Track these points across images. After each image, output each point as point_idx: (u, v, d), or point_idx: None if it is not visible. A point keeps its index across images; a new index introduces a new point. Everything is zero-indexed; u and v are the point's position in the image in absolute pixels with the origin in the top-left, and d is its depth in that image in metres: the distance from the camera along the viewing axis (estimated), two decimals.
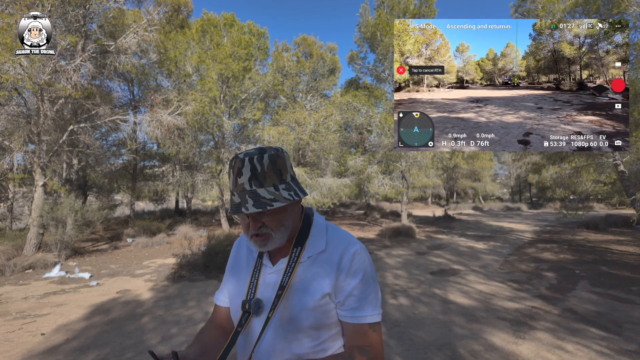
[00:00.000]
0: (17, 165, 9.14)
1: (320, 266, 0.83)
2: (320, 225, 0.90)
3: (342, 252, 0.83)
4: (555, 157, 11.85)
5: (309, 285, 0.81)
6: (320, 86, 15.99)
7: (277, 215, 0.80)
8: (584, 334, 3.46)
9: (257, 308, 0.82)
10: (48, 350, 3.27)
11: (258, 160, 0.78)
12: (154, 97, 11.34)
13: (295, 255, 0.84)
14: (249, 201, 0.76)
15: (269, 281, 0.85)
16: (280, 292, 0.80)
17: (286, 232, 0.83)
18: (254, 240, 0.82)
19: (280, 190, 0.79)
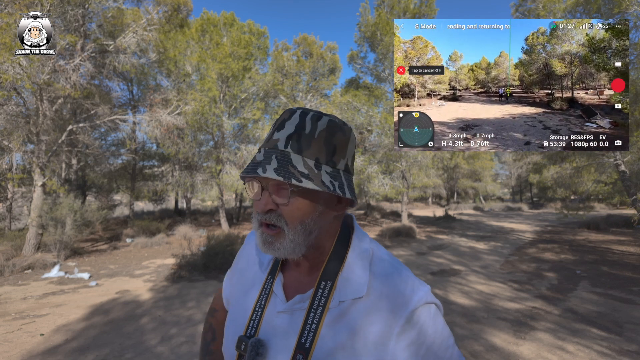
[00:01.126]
0: (16, 165, 9.14)
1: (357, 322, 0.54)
2: (361, 251, 0.60)
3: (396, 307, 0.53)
4: (556, 157, 11.83)
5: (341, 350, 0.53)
6: (320, 86, 15.98)
7: (299, 204, 0.55)
8: (584, 334, 3.45)
9: (254, 355, 0.56)
10: (47, 350, 3.26)
11: (312, 119, 0.56)
12: (153, 97, 11.33)
13: (324, 295, 0.56)
14: (273, 163, 0.53)
15: (278, 324, 0.58)
16: (301, 358, 0.53)
17: (304, 236, 0.56)
18: (260, 233, 0.58)
19: (322, 170, 0.55)
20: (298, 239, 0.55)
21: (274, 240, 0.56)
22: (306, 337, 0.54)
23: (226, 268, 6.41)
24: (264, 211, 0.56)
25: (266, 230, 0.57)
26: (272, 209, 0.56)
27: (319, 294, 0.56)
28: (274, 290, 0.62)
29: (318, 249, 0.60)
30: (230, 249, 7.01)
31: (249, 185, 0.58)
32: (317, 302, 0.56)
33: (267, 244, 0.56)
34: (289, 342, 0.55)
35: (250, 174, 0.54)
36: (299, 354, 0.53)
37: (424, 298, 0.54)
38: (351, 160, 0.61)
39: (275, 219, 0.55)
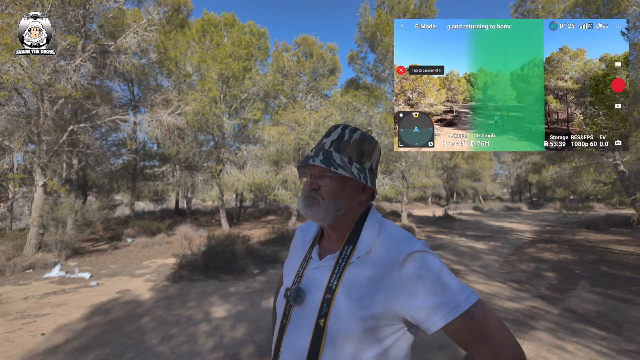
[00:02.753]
0: (17, 165, 9.15)
1: (369, 270, 0.74)
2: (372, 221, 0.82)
3: (395, 256, 0.73)
4: (555, 157, 11.84)
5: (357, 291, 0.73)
6: (320, 86, 15.99)
7: (334, 186, 0.79)
8: (584, 334, 3.46)
9: (295, 296, 0.78)
10: (48, 350, 3.27)
11: (350, 132, 0.83)
12: (154, 97, 11.34)
13: (346, 254, 0.78)
14: (320, 156, 0.79)
15: (313, 276, 0.81)
16: (329, 296, 0.74)
17: (334, 209, 0.79)
18: (302, 199, 0.82)
19: (352, 165, 0.80)
20: (329, 210, 0.79)
21: (310, 204, 0.80)
22: (332, 281, 0.75)
23: (227, 268, 6.43)
24: (310, 189, 0.82)
25: (307, 199, 0.81)
26: (315, 188, 0.81)
27: (344, 253, 0.79)
28: (311, 256, 0.86)
29: (344, 224, 0.83)
30: (231, 248, 7.02)
31: (301, 173, 0.87)
32: (342, 258, 0.78)
33: (306, 206, 0.81)
34: (321, 286, 0.77)
35: (303, 163, 0.82)
36: (328, 293, 0.74)
37: (417, 247, 0.73)
38: (375, 164, 0.86)
39: (315, 194, 0.81)
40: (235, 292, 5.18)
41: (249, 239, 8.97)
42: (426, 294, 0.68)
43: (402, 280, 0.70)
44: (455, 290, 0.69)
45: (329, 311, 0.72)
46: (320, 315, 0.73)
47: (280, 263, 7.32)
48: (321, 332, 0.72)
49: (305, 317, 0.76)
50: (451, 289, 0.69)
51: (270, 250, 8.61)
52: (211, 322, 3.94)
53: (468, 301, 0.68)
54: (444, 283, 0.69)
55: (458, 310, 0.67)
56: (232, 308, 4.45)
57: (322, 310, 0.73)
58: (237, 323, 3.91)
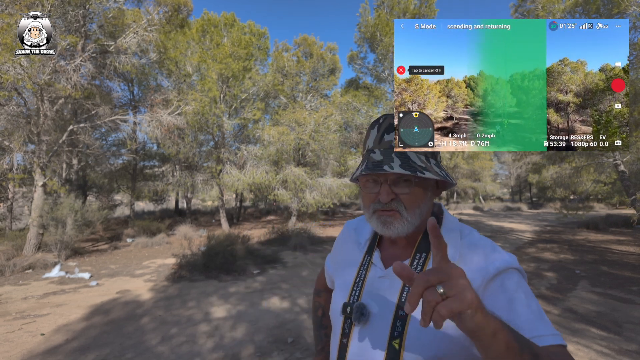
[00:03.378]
0: (17, 165, 9.15)
1: None
2: (451, 228, 0.71)
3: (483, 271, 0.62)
4: (555, 157, 11.84)
5: None
6: (320, 86, 15.98)
7: (417, 192, 0.67)
8: (584, 334, 3.46)
9: (359, 315, 0.66)
10: (48, 350, 3.27)
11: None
12: (153, 97, 11.34)
13: (420, 264, 0.65)
14: (396, 161, 0.65)
15: (379, 286, 0.68)
16: (403, 313, 0.62)
17: (418, 219, 0.67)
18: (377, 216, 0.67)
19: (430, 162, 0.67)
20: (414, 220, 0.67)
21: (393, 221, 0.66)
22: (405, 295, 0.63)
23: (226, 268, 6.43)
24: (387, 201, 0.66)
25: (384, 213, 0.67)
26: (393, 198, 0.67)
27: (415, 262, 0.66)
28: (373, 262, 0.73)
29: (419, 228, 0.70)
30: (231, 249, 7.02)
31: (364, 181, 0.70)
32: (414, 268, 0.65)
33: (387, 224, 0.67)
34: (390, 301, 0.65)
35: (375, 172, 0.65)
36: (401, 310, 0.63)
37: (508, 263, 0.62)
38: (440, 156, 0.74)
39: (396, 205, 0.66)
40: (235, 292, 5.18)
41: (249, 239, 8.97)
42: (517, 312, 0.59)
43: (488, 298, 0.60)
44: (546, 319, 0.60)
45: (404, 331, 0.61)
46: (393, 335, 0.62)
47: (280, 263, 7.31)
48: (397, 357, 0.61)
49: (374, 337, 0.64)
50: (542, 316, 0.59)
51: (270, 250, 8.61)
52: (211, 322, 3.94)
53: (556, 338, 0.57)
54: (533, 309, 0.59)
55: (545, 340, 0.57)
56: (232, 308, 4.45)
57: (396, 329, 0.62)
58: (237, 323, 3.91)
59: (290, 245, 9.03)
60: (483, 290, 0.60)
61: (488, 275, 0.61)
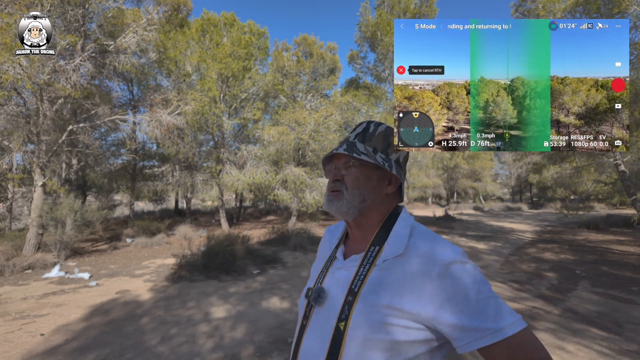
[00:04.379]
0: (17, 165, 9.14)
1: (397, 275, 0.68)
2: (404, 224, 0.76)
3: (430, 264, 0.66)
4: (555, 157, 11.83)
5: (382, 295, 0.67)
6: (320, 86, 15.97)
7: (357, 175, 0.77)
8: (584, 334, 3.45)
9: (316, 296, 0.75)
10: (47, 350, 3.26)
11: (375, 125, 0.83)
12: (153, 97, 11.33)
13: (372, 255, 0.73)
14: (343, 146, 0.78)
15: (337, 276, 0.77)
16: (351, 299, 0.69)
17: (358, 200, 0.76)
18: (326, 194, 0.80)
19: (377, 155, 0.78)
20: (353, 201, 0.76)
21: (334, 199, 0.78)
22: (356, 284, 0.71)
23: (226, 268, 6.42)
24: (333, 180, 0.80)
25: (330, 193, 0.79)
26: (338, 179, 0.79)
27: (369, 254, 0.74)
28: (336, 256, 0.83)
29: (370, 221, 0.79)
30: (230, 249, 7.01)
31: (327, 170, 0.85)
32: (367, 260, 0.73)
33: (329, 201, 0.78)
34: (343, 288, 0.73)
35: (328, 155, 0.82)
36: (350, 296, 0.70)
37: (455, 257, 0.67)
38: (403, 158, 0.83)
39: (339, 185, 0.78)
40: (235, 293, 5.18)
41: (248, 239, 8.96)
42: (463, 312, 0.62)
43: (435, 292, 0.64)
44: (498, 312, 0.63)
45: (350, 314, 0.68)
46: (340, 318, 0.69)
47: (280, 263, 7.31)
48: (341, 337, 0.68)
49: (326, 319, 0.72)
50: (493, 310, 0.63)
51: (270, 250, 8.60)
52: (211, 323, 3.93)
53: (512, 327, 0.62)
54: (485, 303, 0.63)
55: (498, 335, 0.61)
56: (232, 308, 4.44)
57: (343, 313, 0.69)
58: (236, 323, 3.90)
59: (290, 245, 9.02)
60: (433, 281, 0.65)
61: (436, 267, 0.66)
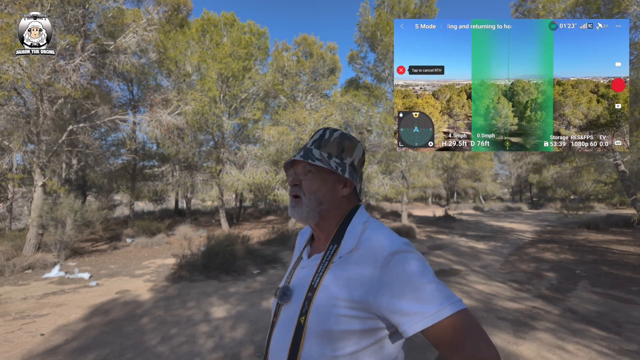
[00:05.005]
0: (17, 165, 9.14)
1: (350, 269, 0.74)
2: (358, 220, 0.82)
3: (376, 255, 0.72)
4: (555, 157, 11.82)
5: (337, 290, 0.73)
6: (320, 86, 15.96)
7: (314, 181, 0.82)
8: (584, 334, 3.45)
9: (282, 294, 0.80)
10: (48, 350, 3.26)
11: (330, 132, 0.88)
12: (153, 97, 11.33)
13: (330, 253, 0.78)
14: (301, 153, 0.84)
15: (301, 275, 0.83)
16: (310, 295, 0.75)
17: (315, 204, 0.81)
18: (290, 201, 0.86)
19: (331, 160, 0.83)
20: (311, 205, 0.81)
21: (296, 205, 0.83)
22: (315, 280, 0.77)
23: (226, 268, 6.42)
24: (292, 185, 0.85)
25: (292, 199, 0.85)
26: (297, 184, 0.84)
27: (328, 253, 0.79)
28: (302, 256, 0.89)
29: (329, 222, 0.84)
30: (230, 249, 7.01)
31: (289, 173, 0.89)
32: (325, 257, 0.79)
33: (292, 207, 0.84)
34: (305, 285, 0.78)
35: (287, 162, 0.87)
36: (309, 292, 0.76)
37: (399, 247, 0.72)
38: (358, 162, 0.87)
39: (297, 190, 0.84)
40: (235, 293, 5.18)
41: (248, 239, 8.96)
42: (406, 297, 0.68)
43: (382, 281, 0.70)
44: (438, 296, 0.67)
45: (309, 309, 0.73)
46: (301, 312, 0.74)
47: (280, 263, 7.31)
48: (301, 330, 0.73)
49: (290, 315, 0.77)
50: (433, 294, 0.67)
51: (270, 250, 8.60)
52: (211, 323, 3.93)
53: (450, 309, 0.66)
54: (425, 288, 0.68)
55: (437, 316, 0.66)
56: (232, 308, 4.44)
57: (304, 308, 0.74)
58: (236, 323, 3.90)
59: (290, 245, 9.02)
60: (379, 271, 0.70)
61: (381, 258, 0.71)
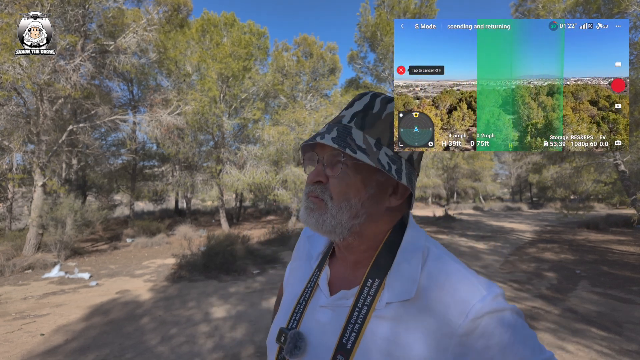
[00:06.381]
0: (17, 165, 9.14)
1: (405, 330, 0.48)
2: (415, 248, 0.53)
3: (452, 314, 0.46)
4: (555, 157, 11.84)
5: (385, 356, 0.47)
6: (320, 86, 15.97)
7: (349, 180, 0.53)
8: (584, 334, 3.45)
9: (292, 347, 0.53)
10: (48, 350, 3.26)
11: (382, 101, 0.56)
12: (153, 97, 11.33)
13: (370, 294, 0.51)
14: (332, 133, 0.53)
15: (320, 319, 0.55)
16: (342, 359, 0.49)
17: (348, 216, 0.53)
18: (304, 200, 0.56)
19: (381, 151, 0.53)
20: (341, 217, 0.52)
21: (315, 208, 0.54)
22: (348, 337, 0.49)
23: (226, 268, 6.42)
24: (313, 182, 0.55)
25: (310, 197, 0.55)
26: (322, 181, 0.54)
27: (365, 292, 0.52)
28: (319, 284, 0.59)
29: (365, 241, 0.56)
30: (230, 249, 7.01)
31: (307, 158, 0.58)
32: (363, 300, 0.51)
33: (308, 210, 0.55)
34: (329, 339, 0.52)
35: (310, 142, 0.54)
36: (340, 354, 0.49)
37: (490, 303, 0.46)
38: (417, 154, 0.58)
39: (321, 191, 0.54)
40: (235, 293, 5.18)
41: (248, 239, 8.96)
42: None
43: (460, 356, 0.45)
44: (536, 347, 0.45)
45: None
46: None
47: (280, 263, 7.30)
48: None
49: None
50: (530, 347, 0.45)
51: (270, 250, 8.60)
52: (211, 323, 3.93)
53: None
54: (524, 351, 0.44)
55: None
56: (232, 308, 4.44)
57: None
58: (237, 323, 3.90)
59: (290, 245, 9.02)
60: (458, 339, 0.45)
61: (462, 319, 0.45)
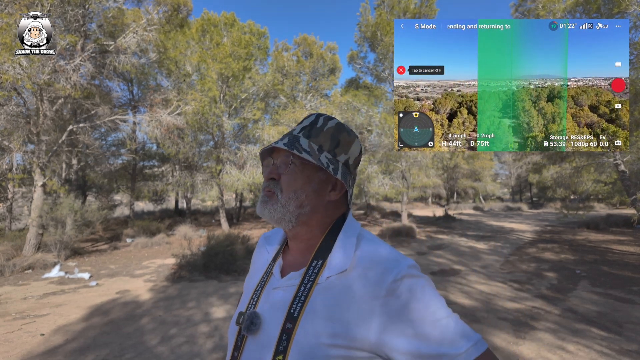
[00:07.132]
0: (17, 165, 9.14)
1: (343, 295, 0.58)
2: (349, 233, 0.66)
3: (378, 279, 0.57)
4: (555, 157, 11.83)
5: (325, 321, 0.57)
6: (320, 86, 15.97)
7: (297, 177, 0.65)
8: (584, 334, 3.45)
9: (249, 324, 0.62)
10: (47, 351, 3.26)
11: (324, 120, 0.70)
12: (153, 97, 11.33)
13: (314, 272, 0.62)
14: (284, 140, 0.66)
15: (273, 299, 0.65)
16: (290, 326, 0.58)
17: (295, 205, 0.64)
18: (261, 195, 0.68)
19: (322, 154, 0.65)
20: (289, 206, 0.64)
21: (267, 200, 0.66)
22: (295, 307, 0.59)
23: (226, 268, 6.42)
24: (268, 179, 0.67)
25: (265, 192, 0.67)
26: (274, 177, 0.67)
27: (310, 270, 0.63)
28: (272, 272, 0.70)
29: (310, 231, 0.68)
30: (230, 249, 7.01)
31: (265, 164, 0.71)
32: (308, 277, 0.62)
33: (262, 202, 0.66)
34: (280, 313, 0.61)
35: (267, 148, 0.69)
36: (288, 322, 0.59)
37: (407, 271, 0.58)
38: (353, 161, 0.71)
39: (273, 185, 0.66)
40: (235, 293, 5.18)
41: (248, 239, 8.96)
42: (421, 337, 0.54)
43: (384, 314, 0.56)
44: (459, 334, 0.55)
45: (288, 345, 0.57)
46: (278, 350, 0.57)
47: None
48: None
49: (260, 351, 0.60)
50: (453, 333, 0.55)
51: None
52: (211, 323, 3.93)
53: (474, 350, 0.54)
54: (443, 324, 0.55)
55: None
56: (232, 308, 4.44)
57: (281, 344, 0.58)
58: None
59: None
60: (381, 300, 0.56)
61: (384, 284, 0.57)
